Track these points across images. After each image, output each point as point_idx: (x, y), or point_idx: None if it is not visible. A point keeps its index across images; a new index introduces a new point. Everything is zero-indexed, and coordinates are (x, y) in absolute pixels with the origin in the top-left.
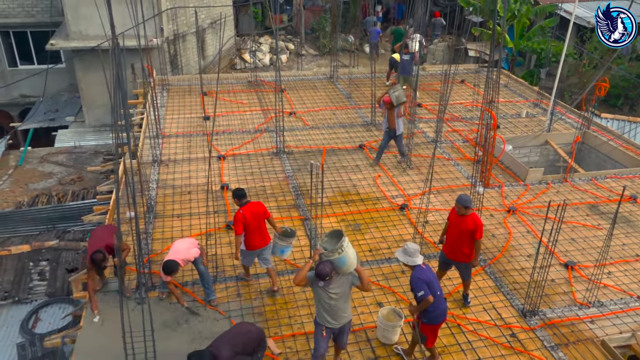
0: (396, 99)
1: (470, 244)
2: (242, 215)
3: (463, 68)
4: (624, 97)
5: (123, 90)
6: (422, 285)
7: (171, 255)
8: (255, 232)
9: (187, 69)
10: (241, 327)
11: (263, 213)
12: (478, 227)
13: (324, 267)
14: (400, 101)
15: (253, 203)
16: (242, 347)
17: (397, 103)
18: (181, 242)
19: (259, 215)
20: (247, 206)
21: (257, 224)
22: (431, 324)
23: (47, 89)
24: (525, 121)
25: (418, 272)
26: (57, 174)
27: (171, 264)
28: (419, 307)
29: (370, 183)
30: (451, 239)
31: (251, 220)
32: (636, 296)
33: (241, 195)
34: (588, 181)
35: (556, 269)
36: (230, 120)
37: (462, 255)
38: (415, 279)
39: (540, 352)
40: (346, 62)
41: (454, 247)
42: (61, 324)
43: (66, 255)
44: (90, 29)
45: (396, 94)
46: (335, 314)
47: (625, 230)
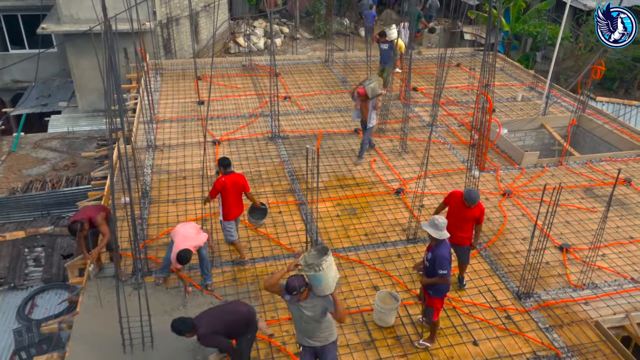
0: (371, 90)
1: (469, 228)
2: (222, 182)
3: (459, 52)
4: (619, 80)
5: (116, 74)
6: (448, 265)
7: (181, 243)
8: (234, 203)
9: (181, 53)
10: (230, 307)
11: (243, 186)
12: (482, 213)
13: (294, 280)
14: (376, 93)
15: (236, 174)
16: (223, 327)
17: (372, 95)
18: (185, 228)
19: (239, 187)
20: (230, 176)
21: (235, 194)
22: (438, 296)
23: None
24: (520, 105)
25: (445, 249)
26: (50, 159)
27: (187, 254)
28: (434, 281)
29: (366, 167)
30: (451, 224)
31: (230, 189)
32: (630, 278)
33: (226, 165)
34: (583, 164)
35: (551, 252)
36: (225, 105)
37: (462, 239)
38: (442, 257)
39: (535, 333)
40: (341, 45)
41: (454, 232)
42: (57, 310)
43: (61, 241)
44: (82, 13)
45: (371, 86)
46: (311, 334)
47: (619, 213)
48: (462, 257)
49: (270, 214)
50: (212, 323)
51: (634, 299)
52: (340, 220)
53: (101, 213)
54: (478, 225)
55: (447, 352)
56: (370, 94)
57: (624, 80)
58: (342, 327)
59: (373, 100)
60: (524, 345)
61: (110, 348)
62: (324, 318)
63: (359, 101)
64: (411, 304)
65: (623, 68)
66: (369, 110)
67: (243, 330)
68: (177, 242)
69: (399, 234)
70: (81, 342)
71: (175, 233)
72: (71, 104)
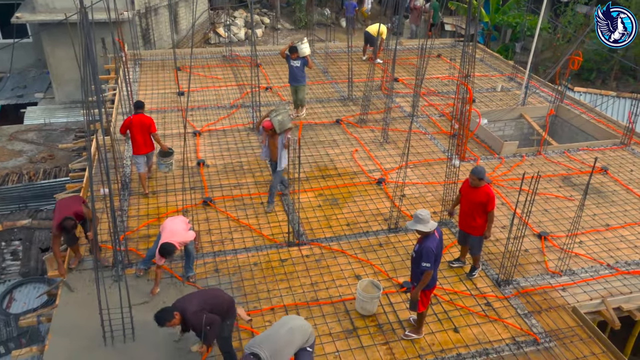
0: (279, 124)
1: (481, 215)
2: (130, 120)
3: (439, 42)
4: (596, 71)
5: (93, 65)
6: (431, 258)
7: (167, 237)
8: (139, 140)
9: (160, 44)
10: (212, 292)
11: (148, 126)
12: (490, 198)
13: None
14: (284, 127)
15: (144, 115)
16: (210, 308)
17: (281, 130)
18: (174, 223)
19: (144, 126)
20: (138, 115)
21: (141, 133)
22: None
23: (14, 64)
24: (500, 95)
25: (433, 241)
26: (27, 152)
27: (169, 247)
28: (422, 283)
29: (348, 158)
30: (463, 211)
31: (135, 126)
32: (606, 264)
33: (137, 106)
34: (561, 154)
35: (530, 240)
36: (206, 96)
37: (473, 227)
38: (428, 250)
39: (514, 319)
40: (322, 36)
41: (467, 219)
42: (36, 304)
43: (39, 234)
44: (58, 2)
45: (279, 119)
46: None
47: (596, 201)
48: (473, 247)
49: (252, 205)
50: (200, 303)
51: (609, 284)
52: (322, 210)
53: (82, 204)
54: (490, 213)
55: (429, 339)
56: (278, 129)
57: (601, 71)
58: (325, 315)
59: (283, 136)
60: (504, 331)
61: (91, 340)
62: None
63: (266, 136)
64: (392, 292)
65: (600, 59)
66: (278, 148)
67: (224, 315)
68: (163, 237)
69: (381, 224)
70: (61, 335)
71: (163, 227)
72: (48, 95)
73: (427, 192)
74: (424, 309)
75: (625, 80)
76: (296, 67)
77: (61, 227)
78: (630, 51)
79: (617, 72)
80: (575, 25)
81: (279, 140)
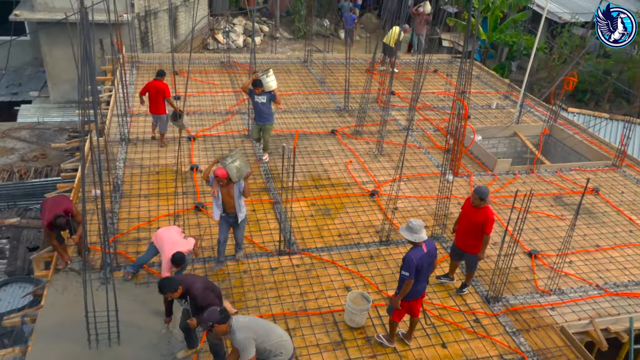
0: (237, 171)
1: (478, 235)
2: (148, 84)
3: (437, 58)
4: (590, 92)
5: (91, 65)
6: (411, 268)
7: (171, 247)
8: (153, 102)
9: (158, 47)
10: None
11: (163, 91)
12: (488, 221)
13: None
14: (243, 175)
15: (161, 82)
16: (211, 289)
17: (239, 178)
18: (170, 233)
19: (159, 91)
20: (155, 81)
21: (155, 96)
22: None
23: (10, 61)
24: (495, 112)
25: (417, 252)
26: (19, 150)
27: (183, 256)
28: (402, 292)
29: (342, 168)
30: (461, 228)
31: (152, 90)
32: (595, 285)
33: (158, 74)
34: (553, 173)
35: (520, 257)
36: (202, 101)
37: (468, 246)
38: (409, 259)
39: (502, 337)
40: (321, 46)
41: (463, 237)
42: (21, 303)
43: (27, 233)
44: (57, 1)
45: (236, 165)
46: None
47: (587, 221)
48: (469, 264)
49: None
50: (205, 283)
51: (598, 305)
52: (314, 220)
53: (71, 203)
54: (486, 236)
55: (416, 354)
56: (236, 177)
57: (595, 93)
58: (313, 326)
59: (241, 183)
60: (492, 348)
61: (75, 343)
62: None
63: (217, 187)
64: (382, 305)
65: (594, 81)
66: (234, 199)
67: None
68: (166, 250)
69: (372, 236)
70: (45, 337)
71: (160, 239)
72: (42, 94)
73: (419, 206)
74: (398, 320)
75: (619, 103)
76: (261, 103)
77: (53, 225)
78: (623, 74)
79: (611, 95)
80: (571, 46)
81: (235, 190)
